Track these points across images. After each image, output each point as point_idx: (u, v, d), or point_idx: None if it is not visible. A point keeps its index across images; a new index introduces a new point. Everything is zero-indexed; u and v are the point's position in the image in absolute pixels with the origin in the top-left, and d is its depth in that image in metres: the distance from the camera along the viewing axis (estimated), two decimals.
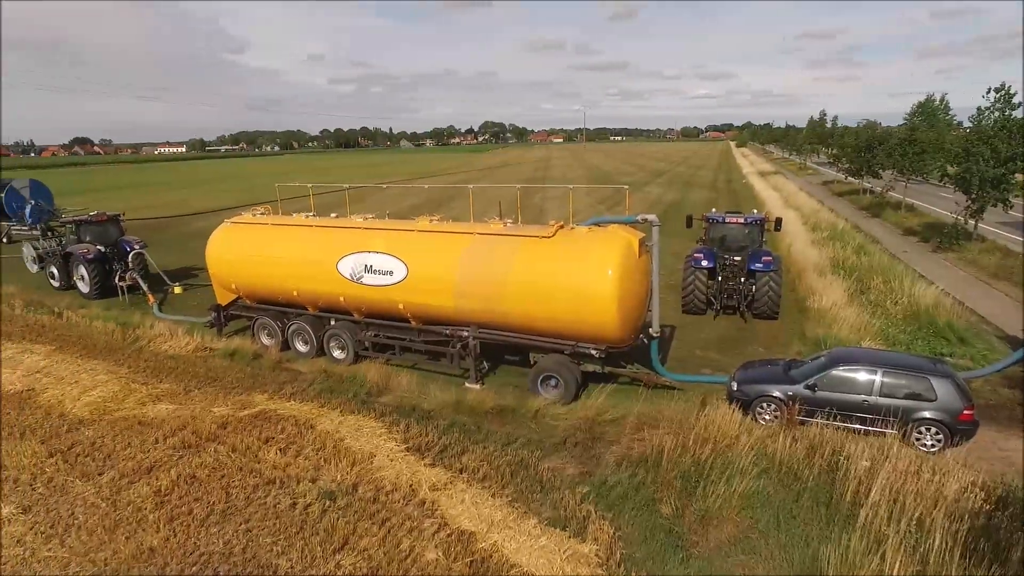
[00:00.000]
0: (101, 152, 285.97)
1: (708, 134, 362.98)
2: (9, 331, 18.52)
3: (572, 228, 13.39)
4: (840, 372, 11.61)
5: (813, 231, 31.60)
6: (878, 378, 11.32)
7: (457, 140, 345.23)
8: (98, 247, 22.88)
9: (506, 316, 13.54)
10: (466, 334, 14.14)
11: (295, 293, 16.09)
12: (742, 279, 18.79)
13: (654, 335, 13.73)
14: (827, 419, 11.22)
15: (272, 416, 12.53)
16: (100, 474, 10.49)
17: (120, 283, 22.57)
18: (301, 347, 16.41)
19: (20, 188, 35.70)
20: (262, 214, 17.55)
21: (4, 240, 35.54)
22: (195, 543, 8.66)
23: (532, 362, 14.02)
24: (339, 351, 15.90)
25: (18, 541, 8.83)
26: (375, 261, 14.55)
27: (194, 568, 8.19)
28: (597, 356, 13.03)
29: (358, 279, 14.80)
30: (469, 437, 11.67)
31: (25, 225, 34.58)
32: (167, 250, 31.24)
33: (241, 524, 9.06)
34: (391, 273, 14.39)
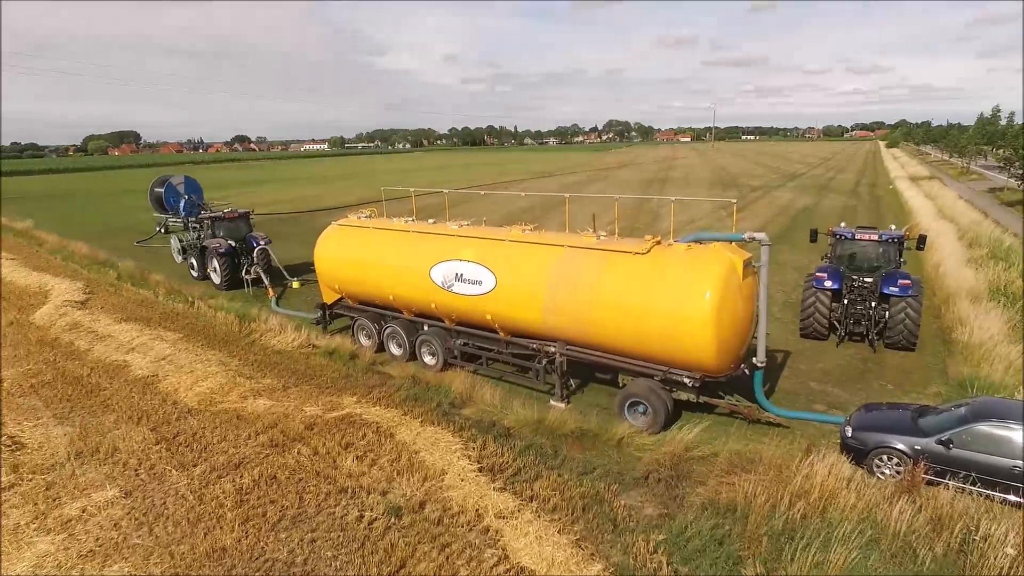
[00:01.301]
0: (256, 149, 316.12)
1: (854, 133, 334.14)
2: (149, 316, 20.50)
3: (669, 245, 12.42)
4: (986, 428, 9.79)
5: (970, 247, 27.65)
6: None
7: (580, 139, 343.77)
8: (229, 242, 24.82)
9: (594, 335, 12.86)
10: (553, 350, 13.62)
11: (391, 297, 16.37)
12: (872, 303, 16.68)
13: (759, 365, 12.43)
14: (962, 484, 9.49)
15: (357, 420, 12.73)
16: (195, 465, 11.13)
17: (246, 276, 24.34)
18: (395, 350, 16.68)
19: (177, 184, 39.77)
20: (367, 217, 18.03)
21: (161, 230, 39.78)
22: (263, 547, 8.87)
23: (621, 384, 13.23)
24: (430, 357, 15.96)
25: (115, 525, 9.51)
26: (465, 270, 14.40)
27: (257, 575, 8.37)
28: (690, 385, 12.00)
29: (449, 287, 14.74)
30: (545, 462, 11.15)
31: (179, 217, 38.55)
32: (294, 244, 33.47)
33: (308, 532, 9.17)
34: (480, 283, 14.18)
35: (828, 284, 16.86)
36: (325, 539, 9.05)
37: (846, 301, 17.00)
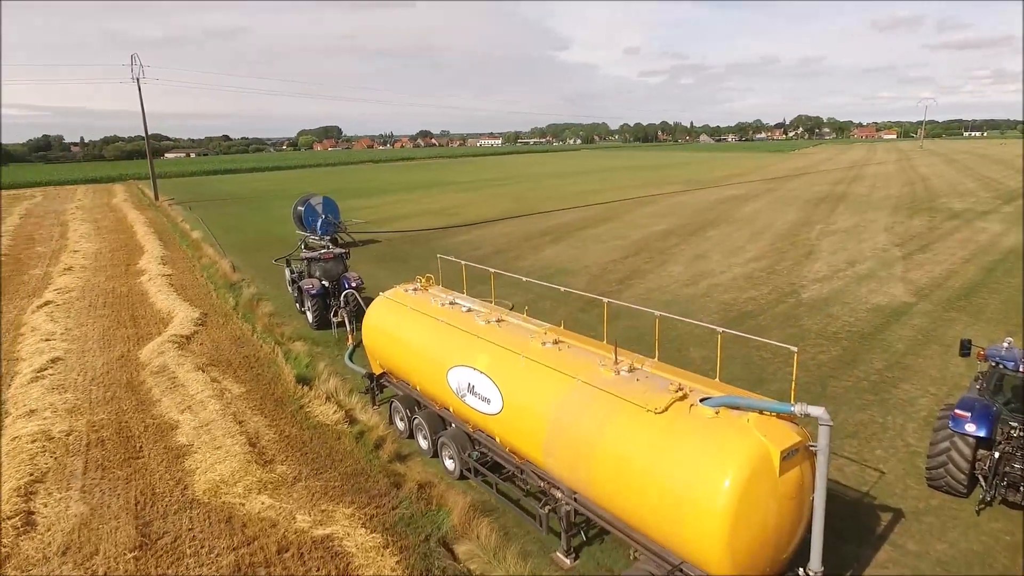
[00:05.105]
0: (436, 144, 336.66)
1: None
2: (231, 360, 21.44)
3: (694, 404, 9.60)
4: None
5: None
6: None
7: (763, 135, 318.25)
8: (322, 283, 25.30)
9: (592, 494, 10.51)
10: (559, 495, 11.45)
11: (418, 388, 15.17)
12: None
13: None
14: None
15: (333, 548, 11.67)
16: None
17: (333, 318, 24.64)
18: (422, 442, 15.46)
19: (316, 204, 42.41)
20: (414, 290, 16.91)
21: (302, 246, 42.71)
22: None
23: (632, 557, 10.70)
24: (449, 460, 14.48)
25: None
26: (477, 382, 12.68)
27: None
28: None
29: (462, 396, 13.15)
30: None
31: (316, 235, 41.00)
32: (409, 270, 33.32)
33: None
34: (489, 401, 12.39)
35: (970, 429, 12.50)
36: None
37: (997, 454, 12.53)
